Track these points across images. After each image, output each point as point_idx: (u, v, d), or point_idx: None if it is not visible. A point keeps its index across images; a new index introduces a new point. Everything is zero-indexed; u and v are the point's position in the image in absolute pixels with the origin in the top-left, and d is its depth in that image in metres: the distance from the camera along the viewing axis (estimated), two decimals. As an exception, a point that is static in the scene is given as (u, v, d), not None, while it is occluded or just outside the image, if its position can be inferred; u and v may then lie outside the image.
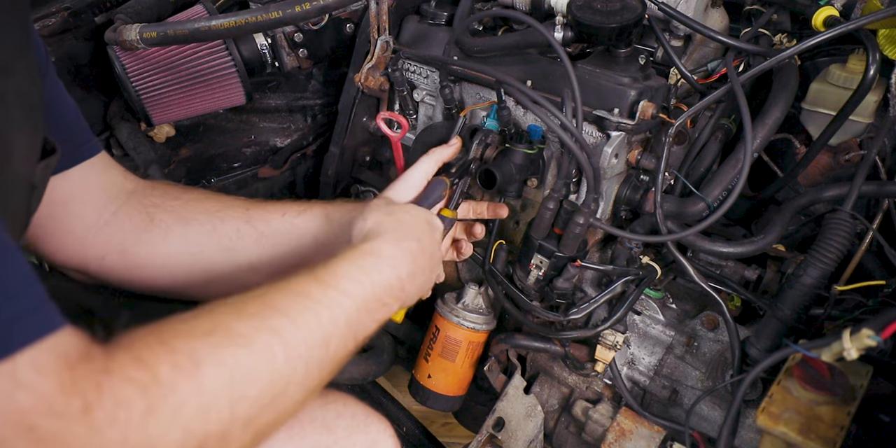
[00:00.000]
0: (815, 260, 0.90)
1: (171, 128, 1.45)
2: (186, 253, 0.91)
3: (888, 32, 0.97)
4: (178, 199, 0.93)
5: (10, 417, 0.42)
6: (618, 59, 1.05)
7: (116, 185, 0.91)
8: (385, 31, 1.26)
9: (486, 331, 1.21)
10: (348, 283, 0.71)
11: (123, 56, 1.23)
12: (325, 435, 0.85)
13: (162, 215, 0.91)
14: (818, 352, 0.77)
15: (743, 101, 0.96)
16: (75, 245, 0.89)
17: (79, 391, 0.45)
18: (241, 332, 0.58)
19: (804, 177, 1.13)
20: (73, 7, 1.26)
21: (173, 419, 0.50)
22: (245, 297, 0.64)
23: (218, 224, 0.92)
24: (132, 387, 0.48)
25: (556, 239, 1.05)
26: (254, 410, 0.57)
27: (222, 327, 0.58)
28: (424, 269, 0.84)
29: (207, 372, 0.53)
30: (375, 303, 0.74)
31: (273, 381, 0.59)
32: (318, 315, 0.66)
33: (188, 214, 0.92)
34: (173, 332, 0.55)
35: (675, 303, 1.14)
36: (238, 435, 0.56)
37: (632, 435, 1.08)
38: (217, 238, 0.91)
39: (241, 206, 0.95)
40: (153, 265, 0.91)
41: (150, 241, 0.90)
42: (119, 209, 0.90)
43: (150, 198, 0.92)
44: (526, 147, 1.06)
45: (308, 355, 0.63)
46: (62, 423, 0.44)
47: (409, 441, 1.44)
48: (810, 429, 0.79)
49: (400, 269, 0.78)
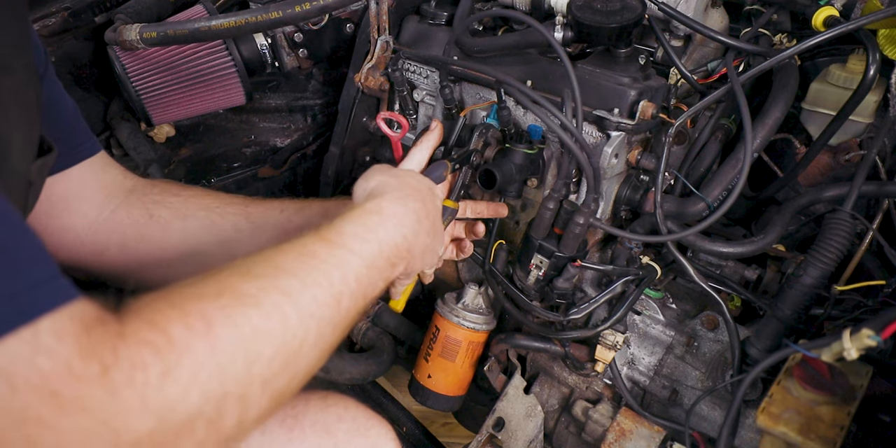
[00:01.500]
0: (815, 260, 0.90)
1: (171, 128, 1.45)
2: (184, 247, 0.91)
3: (888, 32, 0.97)
4: (178, 196, 0.94)
5: (33, 382, 0.43)
6: (618, 59, 1.05)
7: (116, 183, 0.92)
8: (385, 31, 1.26)
9: (486, 331, 1.21)
10: (355, 242, 0.70)
11: (123, 56, 1.23)
12: (326, 438, 0.85)
13: (161, 211, 0.91)
14: (818, 352, 0.77)
15: (743, 101, 0.96)
16: (75, 242, 0.89)
17: (96, 354, 0.45)
18: (250, 292, 0.58)
19: (804, 177, 1.13)
20: (73, 7, 1.26)
21: (191, 380, 0.50)
22: (252, 259, 0.63)
23: (216, 219, 0.92)
24: (147, 349, 0.48)
25: (556, 239, 1.05)
26: (270, 371, 0.57)
27: (230, 289, 0.58)
28: (429, 231, 0.82)
29: (220, 332, 0.53)
30: (383, 261, 0.73)
31: (286, 341, 0.58)
32: (327, 274, 0.65)
33: (187, 211, 0.92)
34: (182, 296, 0.55)
35: (675, 303, 1.14)
36: (257, 397, 0.56)
37: (632, 435, 1.08)
38: (215, 232, 0.92)
39: (241, 203, 0.95)
40: (152, 259, 0.91)
41: (148, 236, 0.90)
42: (118, 206, 0.91)
43: (150, 195, 0.93)
44: (526, 147, 1.06)
45: (320, 314, 0.62)
46: (82, 387, 0.44)
47: (409, 441, 1.44)
48: (810, 429, 0.79)
49: (405, 227, 0.77)
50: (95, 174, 0.90)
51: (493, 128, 1.09)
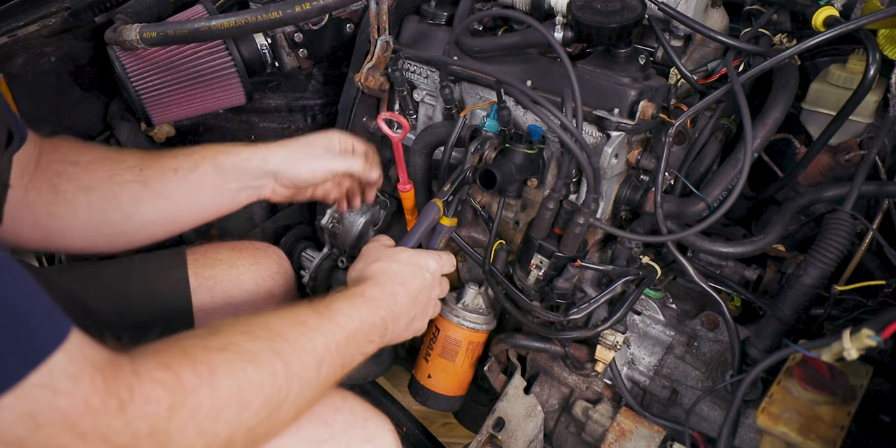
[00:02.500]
0: (815, 260, 0.90)
1: (171, 128, 1.45)
2: (93, 221, 0.97)
3: (888, 32, 0.97)
4: (76, 165, 0.96)
5: (54, 419, 0.50)
6: (618, 59, 1.05)
7: (25, 158, 0.92)
8: (385, 31, 1.26)
9: (486, 331, 1.21)
10: (341, 317, 0.81)
11: (123, 56, 1.23)
12: (323, 429, 0.88)
13: (65, 186, 0.94)
14: (818, 352, 0.77)
15: (743, 101, 0.96)
16: None
17: (113, 392, 0.53)
18: (250, 350, 0.67)
19: (804, 177, 1.13)
20: (73, 7, 1.26)
21: (191, 417, 0.58)
22: (252, 321, 0.73)
23: (117, 189, 0.96)
24: (160, 387, 0.57)
25: (556, 239, 1.05)
26: (255, 419, 0.65)
27: (233, 345, 0.67)
28: (408, 310, 0.92)
29: (221, 380, 0.62)
30: (362, 337, 0.83)
31: (272, 395, 0.67)
32: (313, 341, 0.74)
33: (89, 181, 0.96)
34: (193, 346, 0.64)
35: (675, 303, 1.14)
36: (240, 442, 0.65)
37: (632, 435, 1.08)
38: (117, 204, 0.96)
39: (136, 166, 0.98)
40: (65, 233, 0.96)
41: (57, 214, 0.94)
42: (28, 184, 0.93)
43: (52, 165, 0.95)
44: (526, 147, 1.06)
45: (303, 375, 0.72)
46: (101, 419, 0.52)
47: (409, 441, 1.44)
48: (810, 429, 0.79)
49: (383, 310, 0.87)
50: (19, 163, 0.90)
51: (490, 140, 1.09)
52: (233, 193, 1.02)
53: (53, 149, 0.96)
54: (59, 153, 0.96)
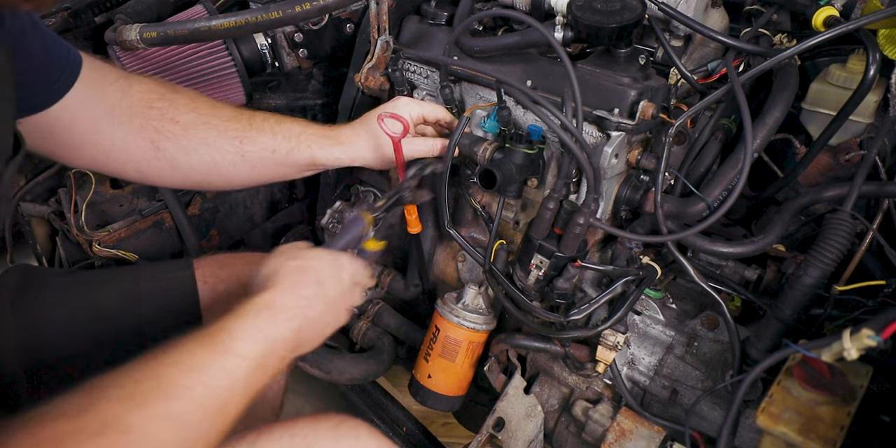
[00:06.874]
0: (815, 260, 0.90)
1: (172, 128, 1.45)
2: (190, 179, 1.06)
3: (888, 32, 0.97)
4: (176, 124, 1.00)
5: None
6: (618, 59, 1.05)
7: (114, 106, 0.96)
8: (385, 31, 1.26)
9: (486, 331, 1.21)
10: (243, 345, 0.73)
11: (123, 56, 1.23)
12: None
13: (165, 144, 1.00)
14: (818, 352, 0.77)
15: (743, 101, 0.96)
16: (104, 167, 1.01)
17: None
18: (134, 424, 0.60)
19: (804, 177, 1.13)
20: (73, 7, 1.26)
21: None
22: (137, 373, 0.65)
23: (216, 157, 1.03)
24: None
25: (556, 239, 1.05)
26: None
27: (113, 423, 0.59)
28: (324, 314, 0.84)
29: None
30: (272, 358, 0.76)
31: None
32: (212, 390, 0.68)
33: (189, 145, 1.01)
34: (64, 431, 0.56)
35: (675, 303, 1.14)
36: None
37: (632, 435, 1.08)
38: (217, 169, 1.04)
39: (236, 137, 1.04)
40: (164, 181, 1.06)
41: (159, 170, 1.02)
42: (126, 137, 0.97)
43: (150, 121, 0.99)
44: (526, 147, 1.06)
45: (199, 427, 0.66)
46: None
47: (409, 441, 1.44)
48: (810, 429, 0.79)
49: (296, 319, 0.79)
50: (93, 100, 0.93)
51: (430, 166, 1.06)
52: None
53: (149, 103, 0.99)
54: (157, 110, 0.99)
